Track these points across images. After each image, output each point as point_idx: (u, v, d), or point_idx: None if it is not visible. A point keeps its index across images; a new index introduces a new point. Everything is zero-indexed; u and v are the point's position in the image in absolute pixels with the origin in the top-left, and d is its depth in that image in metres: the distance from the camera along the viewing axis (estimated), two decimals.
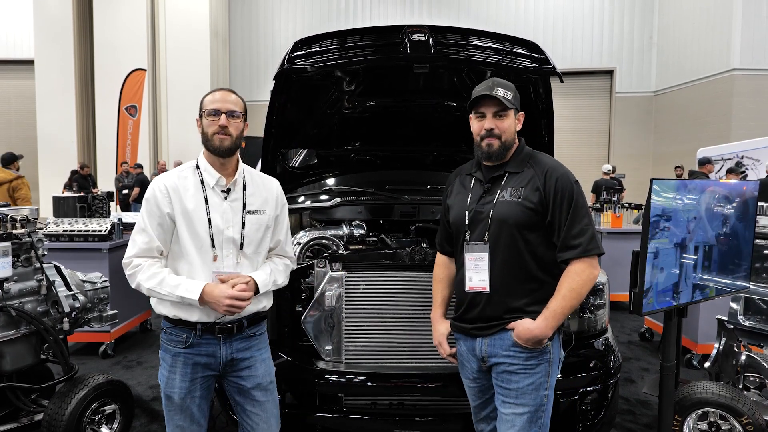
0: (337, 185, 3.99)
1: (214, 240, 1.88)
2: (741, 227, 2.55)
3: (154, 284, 1.84)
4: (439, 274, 2.17)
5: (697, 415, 2.73)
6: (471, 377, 2.02)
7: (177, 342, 1.92)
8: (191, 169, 1.96)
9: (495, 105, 1.88)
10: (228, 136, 1.87)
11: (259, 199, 2.00)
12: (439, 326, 2.11)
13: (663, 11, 15.26)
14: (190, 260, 1.89)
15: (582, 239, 1.81)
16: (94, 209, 5.15)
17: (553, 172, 1.87)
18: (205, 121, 1.89)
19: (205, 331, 1.90)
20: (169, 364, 1.92)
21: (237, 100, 1.92)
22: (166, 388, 1.93)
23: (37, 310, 2.92)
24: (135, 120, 13.15)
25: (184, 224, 1.87)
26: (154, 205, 1.88)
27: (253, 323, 2.00)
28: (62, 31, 14.40)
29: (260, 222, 1.97)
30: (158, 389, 3.89)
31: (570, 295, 1.81)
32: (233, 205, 1.93)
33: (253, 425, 2.03)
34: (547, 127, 3.32)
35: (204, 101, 1.91)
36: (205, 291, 1.81)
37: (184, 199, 1.88)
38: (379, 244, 3.18)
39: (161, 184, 1.90)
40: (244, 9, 17.11)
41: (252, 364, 2.00)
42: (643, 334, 5.27)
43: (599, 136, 16.52)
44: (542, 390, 1.86)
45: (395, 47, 2.79)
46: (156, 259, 1.90)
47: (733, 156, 9.78)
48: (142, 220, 1.90)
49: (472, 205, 1.94)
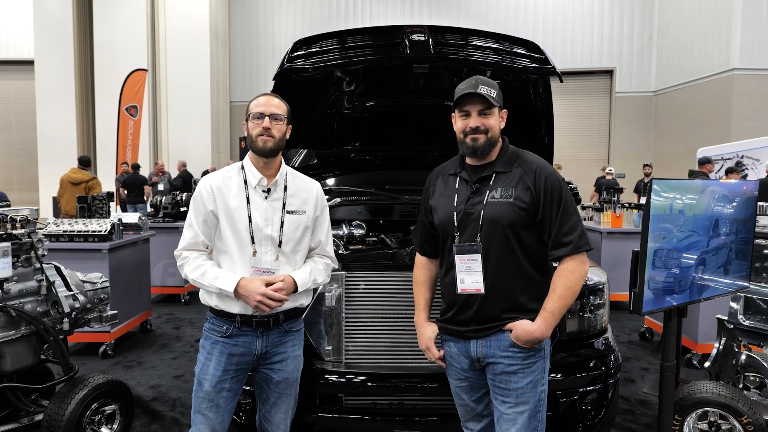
0: (336, 185, 3.99)
1: (254, 237, 1.98)
2: (741, 227, 2.55)
3: (197, 275, 1.98)
4: (420, 276, 2.14)
5: (697, 414, 2.73)
6: (461, 377, 2.00)
7: (217, 332, 2.02)
8: (237, 169, 2.07)
9: (480, 103, 1.89)
10: (271, 137, 1.97)
11: (298, 200, 2.08)
12: (425, 330, 2.08)
13: (663, 11, 15.26)
14: (232, 255, 2.00)
15: (573, 236, 1.83)
16: (94, 209, 5.16)
17: (543, 171, 1.88)
18: (251, 123, 2.00)
19: (243, 323, 1.99)
20: (207, 351, 2.03)
21: (280, 104, 2.03)
22: (201, 374, 2.02)
23: (37, 311, 2.92)
24: (136, 120, 13.15)
25: (226, 221, 1.99)
26: (200, 202, 2.02)
27: (289, 318, 2.07)
28: (62, 32, 14.42)
29: (299, 222, 2.06)
30: (158, 389, 3.92)
31: (566, 294, 1.82)
32: (273, 204, 2.03)
33: (269, 416, 2.12)
34: (546, 127, 3.33)
35: (250, 106, 2.03)
36: (240, 284, 1.92)
37: (227, 198, 2.00)
38: (378, 244, 3.18)
39: (207, 183, 2.03)
40: (244, 9, 17.11)
41: (284, 359, 2.08)
42: (643, 333, 5.27)
43: (599, 136, 16.53)
44: (540, 386, 1.88)
45: (395, 47, 2.79)
46: (201, 251, 2.04)
47: (733, 156, 9.78)
48: (190, 216, 2.05)
49: (461, 206, 1.93)
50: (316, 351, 2.51)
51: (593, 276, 2.67)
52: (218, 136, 15.79)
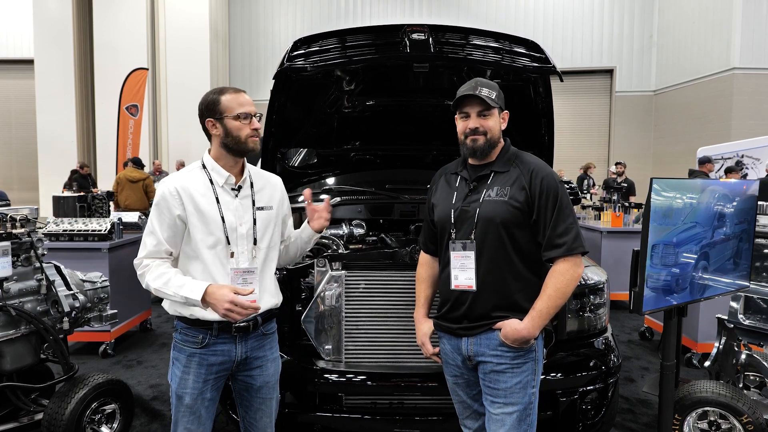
0: (336, 184, 3.98)
1: (229, 238, 1.90)
2: (741, 226, 2.55)
3: (160, 284, 1.84)
4: (422, 273, 2.18)
5: (697, 414, 2.73)
6: (457, 374, 2.02)
7: (192, 343, 1.92)
8: (198, 169, 1.97)
9: (479, 104, 1.91)
10: (258, 137, 1.95)
11: (266, 195, 2.04)
12: (422, 326, 2.11)
13: (663, 10, 15.25)
14: (204, 260, 1.89)
15: (567, 238, 1.83)
16: (93, 209, 5.16)
17: (539, 172, 1.89)
18: (235, 123, 1.89)
19: (221, 330, 1.91)
20: (183, 365, 1.93)
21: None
22: (179, 388, 1.93)
23: (37, 310, 2.92)
24: (136, 119, 13.14)
25: (198, 224, 1.88)
26: (164, 207, 1.89)
27: (266, 320, 2.04)
28: (62, 31, 14.40)
29: (269, 217, 2.02)
30: (158, 389, 3.91)
31: (556, 295, 1.82)
32: (243, 202, 1.97)
33: (253, 421, 2.08)
34: (547, 127, 3.32)
35: (225, 103, 1.90)
36: (208, 291, 1.79)
37: (195, 200, 1.89)
38: (379, 243, 3.17)
39: (171, 186, 1.90)
40: (244, 9, 17.10)
41: (263, 363, 2.03)
42: (643, 333, 5.27)
43: (599, 136, 16.52)
44: (530, 388, 1.88)
45: (395, 46, 2.79)
46: (165, 259, 1.92)
47: (733, 155, 9.77)
48: (151, 222, 1.91)
49: (458, 204, 1.96)
50: (316, 350, 2.51)
51: (593, 275, 2.67)
52: None
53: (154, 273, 1.86)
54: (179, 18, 14.87)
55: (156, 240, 1.89)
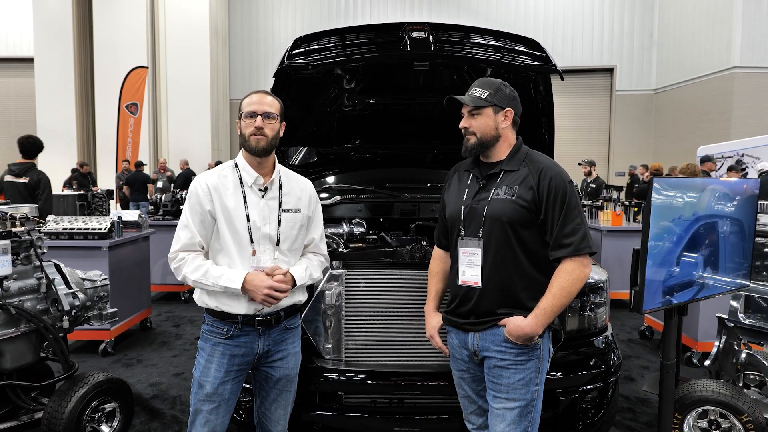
0: (337, 183, 3.98)
1: (253, 236, 1.97)
2: (741, 225, 2.54)
3: (198, 276, 1.93)
4: (434, 267, 2.20)
5: (697, 413, 2.73)
6: (463, 368, 2.04)
7: (218, 333, 2.00)
8: (230, 168, 2.04)
9: (468, 104, 1.93)
10: (263, 136, 1.95)
11: (293, 198, 2.08)
12: (432, 319, 2.14)
13: (663, 9, 15.25)
14: (230, 255, 1.97)
15: (574, 238, 1.83)
16: (93, 207, 5.16)
17: (548, 171, 1.89)
18: (243, 122, 1.98)
19: (245, 323, 1.98)
20: (208, 354, 2.00)
21: (273, 101, 2.00)
22: (201, 376, 2.00)
23: (37, 308, 2.92)
24: (136, 118, 13.13)
25: (224, 221, 1.96)
26: (196, 203, 1.98)
27: (289, 315, 2.08)
28: (62, 30, 14.41)
29: (295, 220, 2.06)
30: (158, 387, 3.92)
31: (561, 294, 1.83)
32: (270, 203, 2.02)
33: (268, 412, 2.13)
34: (547, 125, 3.32)
35: (242, 104, 2.00)
36: (247, 279, 1.89)
37: (224, 197, 1.97)
38: (379, 242, 3.17)
39: (203, 182, 1.99)
40: (244, 7, 17.09)
41: (285, 356, 2.09)
42: (643, 332, 5.27)
43: (599, 134, 16.53)
44: (532, 385, 1.89)
45: (395, 45, 2.78)
46: (198, 252, 2.00)
47: (733, 154, 9.78)
48: (185, 216, 2.00)
49: (468, 201, 1.98)
50: (316, 349, 2.51)
51: (593, 274, 2.67)
52: (218, 134, 15.79)
53: (191, 265, 1.95)
54: (179, 16, 14.88)
55: (190, 233, 1.97)
